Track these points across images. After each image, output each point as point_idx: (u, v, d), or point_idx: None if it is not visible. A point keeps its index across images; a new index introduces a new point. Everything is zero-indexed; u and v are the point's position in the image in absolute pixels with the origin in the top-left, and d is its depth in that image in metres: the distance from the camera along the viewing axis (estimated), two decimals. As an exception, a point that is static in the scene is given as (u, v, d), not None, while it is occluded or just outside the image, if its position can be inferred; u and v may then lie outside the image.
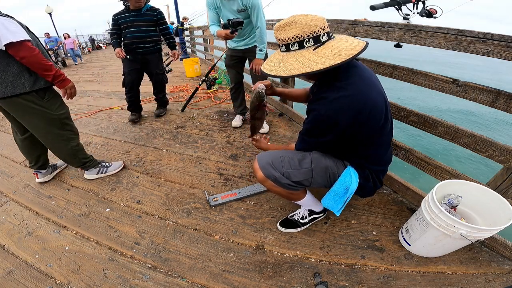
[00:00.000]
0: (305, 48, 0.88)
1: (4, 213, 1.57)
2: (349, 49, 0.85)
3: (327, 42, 0.87)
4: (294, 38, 0.87)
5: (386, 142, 1.09)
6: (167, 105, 3.13)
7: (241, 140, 2.36)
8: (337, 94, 0.91)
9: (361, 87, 0.92)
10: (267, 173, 1.12)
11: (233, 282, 1.12)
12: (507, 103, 1.03)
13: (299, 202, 1.30)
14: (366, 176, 1.13)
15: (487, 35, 1.00)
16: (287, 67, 0.89)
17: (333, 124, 0.95)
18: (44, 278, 1.16)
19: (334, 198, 1.14)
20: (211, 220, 1.46)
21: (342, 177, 1.11)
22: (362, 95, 0.91)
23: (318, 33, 0.86)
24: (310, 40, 0.86)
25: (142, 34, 2.43)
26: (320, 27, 0.86)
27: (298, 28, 0.85)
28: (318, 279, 1.12)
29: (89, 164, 1.81)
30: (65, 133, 1.61)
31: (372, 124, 0.97)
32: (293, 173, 1.10)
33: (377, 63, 1.49)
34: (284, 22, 0.87)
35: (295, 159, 1.13)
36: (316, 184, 1.15)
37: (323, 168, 1.11)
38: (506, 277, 1.12)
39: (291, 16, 0.88)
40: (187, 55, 7.17)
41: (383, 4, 1.27)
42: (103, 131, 2.69)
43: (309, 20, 0.85)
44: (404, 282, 1.11)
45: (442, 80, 1.21)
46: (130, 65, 2.55)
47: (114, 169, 1.91)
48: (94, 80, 5.56)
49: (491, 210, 1.10)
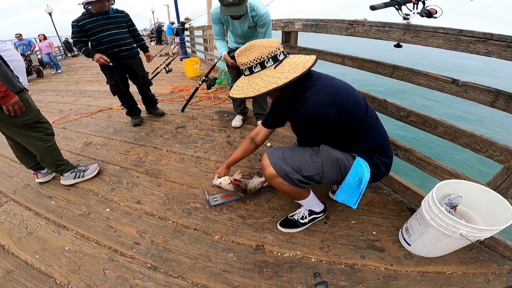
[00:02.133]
0: (267, 68, 0.98)
1: (4, 213, 1.57)
2: (304, 62, 0.98)
3: (284, 60, 0.99)
4: (255, 60, 0.97)
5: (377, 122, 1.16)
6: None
7: (241, 140, 2.36)
8: (310, 92, 1.00)
9: (325, 80, 1.05)
10: (278, 169, 1.11)
11: (233, 282, 1.12)
12: (507, 103, 1.03)
13: (301, 201, 1.31)
14: (376, 164, 1.15)
15: (487, 35, 1.00)
16: (254, 87, 0.97)
17: (324, 117, 1.00)
18: (44, 278, 1.16)
19: (348, 191, 1.15)
20: (211, 220, 1.46)
21: (353, 168, 1.12)
22: (330, 84, 1.03)
23: (275, 52, 0.97)
24: (269, 60, 0.97)
25: (119, 37, 2.27)
26: (275, 48, 0.97)
27: (257, 50, 0.96)
28: (318, 279, 1.12)
29: (64, 167, 1.76)
30: (36, 134, 1.56)
31: (356, 105, 1.05)
32: (304, 167, 1.10)
33: (377, 63, 1.49)
34: (244, 47, 0.98)
35: (306, 153, 1.14)
36: (327, 179, 1.15)
37: (334, 160, 1.12)
38: (506, 277, 1.12)
39: (248, 43, 0.99)
40: (187, 55, 7.17)
41: (383, 4, 1.27)
42: (103, 131, 2.69)
43: (265, 42, 0.97)
44: (404, 282, 1.11)
45: (442, 80, 1.21)
46: (113, 72, 2.38)
47: (90, 173, 1.85)
48: (94, 80, 5.56)
49: (491, 210, 1.10)
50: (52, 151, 1.69)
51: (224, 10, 1.73)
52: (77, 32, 2.15)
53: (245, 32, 1.99)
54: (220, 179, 1.47)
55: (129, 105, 2.69)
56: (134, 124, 2.74)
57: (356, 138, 1.12)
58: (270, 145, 2.23)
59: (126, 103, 2.67)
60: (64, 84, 5.38)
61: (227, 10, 1.72)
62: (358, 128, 1.09)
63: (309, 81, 1.03)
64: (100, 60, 2.19)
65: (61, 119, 3.12)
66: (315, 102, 0.98)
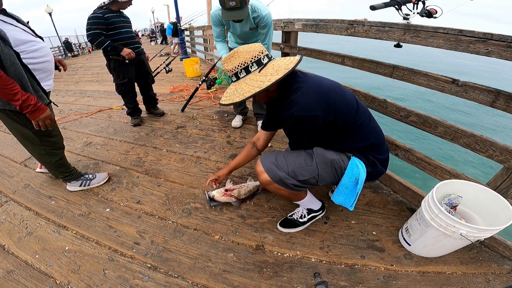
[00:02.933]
0: (251, 72, 1.00)
1: (4, 213, 1.57)
2: (287, 63, 0.98)
3: (268, 63, 1.01)
4: (239, 66, 1.00)
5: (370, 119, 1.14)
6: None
7: (241, 140, 2.36)
8: (296, 94, 1.00)
9: (311, 81, 1.04)
10: (272, 175, 1.10)
11: (233, 282, 1.12)
12: (507, 103, 1.03)
13: (299, 202, 1.30)
14: (372, 162, 1.14)
15: (487, 35, 1.00)
16: (239, 92, 1.00)
17: (311, 118, 1.00)
18: (44, 278, 1.16)
19: (345, 192, 1.14)
20: (211, 220, 1.46)
21: (349, 169, 1.11)
22: (316, 85, 1.02)
23: (259, 56, 0.99)
24: (253, 64, 0.99)
25: (132, 35, 2.39)
26: (259, 51, 0.99)
27: (240, 56, 0.99)
28: (318, 279, 1.12)
29: (70, 177, 1.70)
30: (45, 148, 1.49)
31: (344, 103, 1.04)
32: (299, 171, 1.10)
33: (377, 63, 1.49)
34: (228, 55, 1.01)
35: (300, 157, 1.13)
36: (323, 181, 1.14)
37: (328, 162, 1.11)
38: (506, 277, 1.12)
39: (232, 50, 1.03)
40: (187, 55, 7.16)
41: (383, 4, 1.27)
42: (103, 131, 2.69)
43: (247, 48, 0.99)
44: (404, 282, 1.11)
45: (442, 80, 1.21)
46: (128, 70, 2.43)
47: (97, 181, 1.77)
48: (94, 80, 5.56)
49: (491, 210, 1.10)
50: (60, 166, 1.63)
51: (226, 14, 1.69)
52: (100, 24, 2.14)
53: (245, 34, 1.97)
54: (213, 192, 1.54)
55: (133, 105, 2.71)
56: (135, 124, 2.74)
57: (350, 138, 1.11)
58: (270, 145, 2.23)
59: (131, 103, 2.68)
60: (64, 84, 5.38)
61: (228, 14, 1.68)
62: (350, 127, 1.08)
63: (296, 83, 1.03)
64: (130, 55, 2.28)
65: (61, 119, 3.12)
66: (302, 104, 0.98)
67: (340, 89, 1.07)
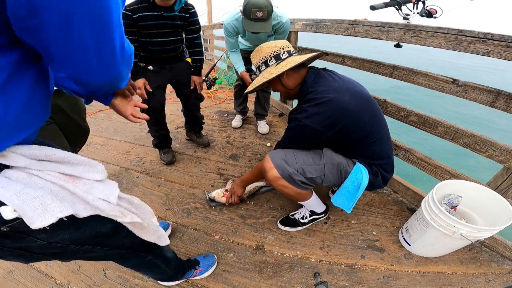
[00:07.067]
0: (270, 66, 1.09)
1: (4, 213, 1.57)
2: (301, 57, 1.04)
3: (287, 58, 1.07)
4: (260, 60, 1.11)
5: (383, 138, 1.12)
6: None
7: (241, 140, 2.36)
8: (310, 103, 1.01)
9: (334, 94, 0.99)
10: (281, 170, 1.09)
11: (233, 282, 1.12)
12: (507, 103, 1.03)
13: (304, 202, 1.30)
14: (375, 172, 1.14)
15: (487, 35, 1.00)
16: (254, 84, 1.13)
17: (315, 132, 1.03)
18: (44, 278, 1.16)
19: (346, 195, 1.15)
20: (211, 220, 1.46)
21: (353, 173, 1.11)
22: (335, 100, 0.98)
23: (278, 52, 1.07)
24: (272, 59, 1.08)
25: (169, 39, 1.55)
26: (280, 47, 1.08)
27: (262, 52, 1.10)
28: (318, 279, 1.12)
29: None
30: None
31: (356, 129, 1.03)
32: (307, 169, 1.10)
33: (377, 63, 1.49)
34: (255, 50, 1.13)
35: (308, 155, 1.13)
36: (328, 182, 1.15)
37: (336, 164, 1.12)
38: (506, 277, 1.12)
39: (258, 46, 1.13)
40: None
41: (383, 4, 1.27)
42: (103, 131, 2.69)
43: (270, 44, 1.09)
44: (404, 282, 1.11)
45: (442, 80, 1.21)
46: (155, 79, 1.63)
47: None
48: (94, 80, 5.55)
49: (491, 210, 1.10)
50: None
51: (251, 26, 1.56)
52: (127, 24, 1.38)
53: (260, 41, 1.89)
54: (213, 192, 1.54)
55: (160, 134, 1.88)
56: (168, 161, 1.94)
57: (356, 152, 1.13)
58: (270, 145, 2.23)
59: (160, 129, 1.85)
60: (64, 84, 5.38)
61: (254, 26, 1.55)
62: (357, 143, 1.08)
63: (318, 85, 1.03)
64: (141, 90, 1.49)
65: (61, 119, 3.12)
66: (311, 114, 1.00)
67: (359, 111, 1.01)
